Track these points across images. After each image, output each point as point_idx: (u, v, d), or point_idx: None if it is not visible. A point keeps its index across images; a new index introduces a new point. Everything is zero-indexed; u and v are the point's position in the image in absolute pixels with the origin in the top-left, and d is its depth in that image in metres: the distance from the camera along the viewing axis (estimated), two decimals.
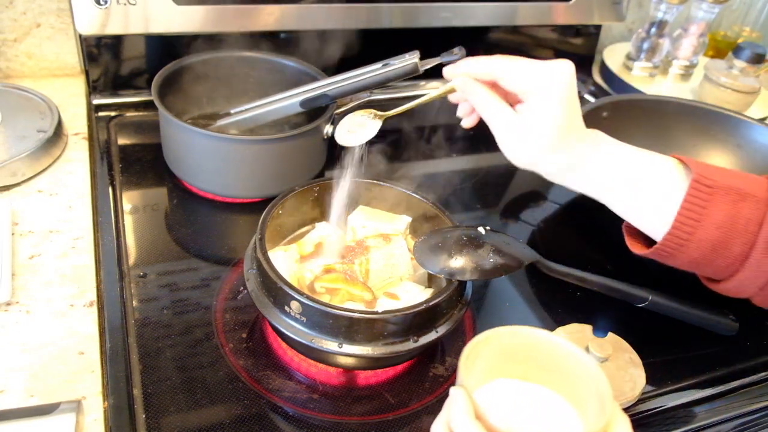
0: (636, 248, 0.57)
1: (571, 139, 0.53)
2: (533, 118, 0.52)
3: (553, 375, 0.44)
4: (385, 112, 0.59)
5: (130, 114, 0.89)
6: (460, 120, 0.61)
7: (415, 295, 0.57)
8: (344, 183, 0.61)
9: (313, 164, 0.79)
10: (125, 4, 0.80)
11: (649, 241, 0.56)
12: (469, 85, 0.55)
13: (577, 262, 0.63)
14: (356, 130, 0.57)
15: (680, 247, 0.52)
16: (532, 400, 0.44)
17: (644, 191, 0.53)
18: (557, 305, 0.68)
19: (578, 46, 1.18)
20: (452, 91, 0.57)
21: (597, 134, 0.56)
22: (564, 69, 0.52)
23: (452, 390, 0.40)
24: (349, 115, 0.58)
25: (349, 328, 0.50)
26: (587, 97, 0.98)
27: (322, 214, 0.66)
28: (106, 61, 0.88)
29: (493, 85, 0.55)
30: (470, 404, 0.39)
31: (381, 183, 0.65)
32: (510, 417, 0.42)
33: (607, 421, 0.38)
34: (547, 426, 0.42)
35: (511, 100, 0.55)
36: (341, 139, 0.58)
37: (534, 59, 0.53)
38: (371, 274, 0.59)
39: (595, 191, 0.56)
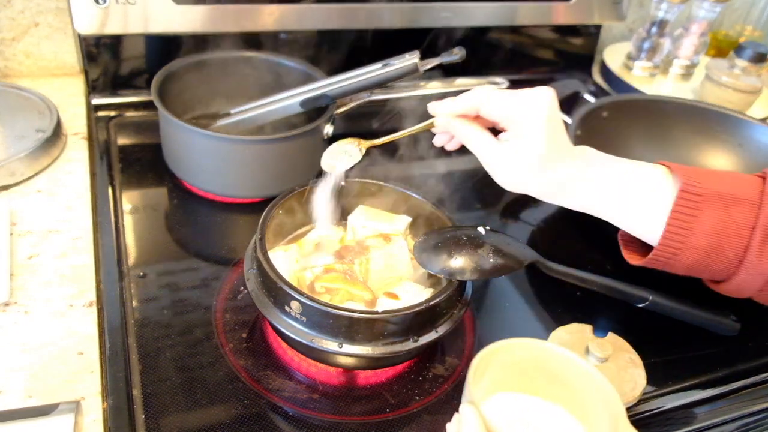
0: (632, 259, 0.58)
1: (555, 162, 0.54)
2: (515, 144, 0.54)
3: (563, 391, 0.43)
4: (369, 141, 0.60)
5: (129, 114, 0.89)
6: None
7: (415, 295, 0.57)
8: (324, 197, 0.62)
9: (313, 164, 0.78)
10: (124, 4, 0.80)
11: (645, 249, 0.57)
12: (450, 122, 0.57)
13: (577, 262, 0.63)
14: (339, 157, 0.60)
15: (674, 255, 0.53)
16: (540, 416, 0.43)
17: (635, 204, 0.54)
18: (557, 305, 0.68)
19: (578, 46, 1.18)
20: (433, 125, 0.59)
21: (585, 152, 0.56)
22: (542, 95, 0.53)
23: (462, 408, 0.40)
24: (336, 143, 0.61)
25: (349, 328, 0.50)
26: (587, 97, 0.98)
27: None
28: (106, 60, 0.88)
29: (477, 118, 0.57)
30: (482, 424, 0.38)
31: (381, 183, 0.65)
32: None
33: None
34: None
35: (497, 129, 0.57)
36: (325, 165, 0.60)
37: (514, 90, 0.54)
38: (371, 274, 0.59)
39: (588, 208, 0.57)
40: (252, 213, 0.74)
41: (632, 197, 0.54)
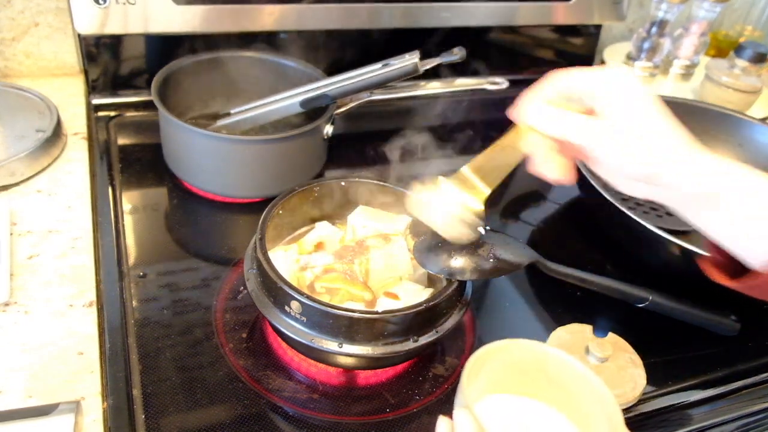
0: (720, 279, 0.51)
1: (653, 136, 0.49)
2: (611, 119, 0.47)
3: (559, 393, 0.43)
4: (482, 201, 0.46)
5: (129, 114, 0.89)
6: (459, 120, 0.60)
7: (415, 295, 0.57)
8: None
9: (313, 164, 0.79)
10: (124, 4, 0.80)
11: (729, 268, 0.51)
12: (543, 110, 0.48)
13: (577, 262, 0.63)
14: (459, 227, 0.48)
15: None
16: (535, 418, 0.43)
17: (739, 214, 0.47)
18: (557, 305, 0.68)
19: (578, 46, 1.18)
20: (524, 136, 0.48)
21: (691, 142, 0.51)
22: (627, 72, 0.48)
23: (456, 413, 0.39)
24: (446, 205, 0.47)
25: (349, 328, 0.50)
26: None
27: (322, 214, 0.66)
28: (106, 60, 0.88)
29: None
30: (476, 428, 0.38)
31: (381, 183, 0.65)
32: None
33: None
34: None
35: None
36: (447, 232, 0.48)
37: (590, 68, 0.49)
38: (371, 274, 0.59)
39: (680, 205, 0.50)
40: (252, 213, 0.74)
41: (737, 204, 0.47)
